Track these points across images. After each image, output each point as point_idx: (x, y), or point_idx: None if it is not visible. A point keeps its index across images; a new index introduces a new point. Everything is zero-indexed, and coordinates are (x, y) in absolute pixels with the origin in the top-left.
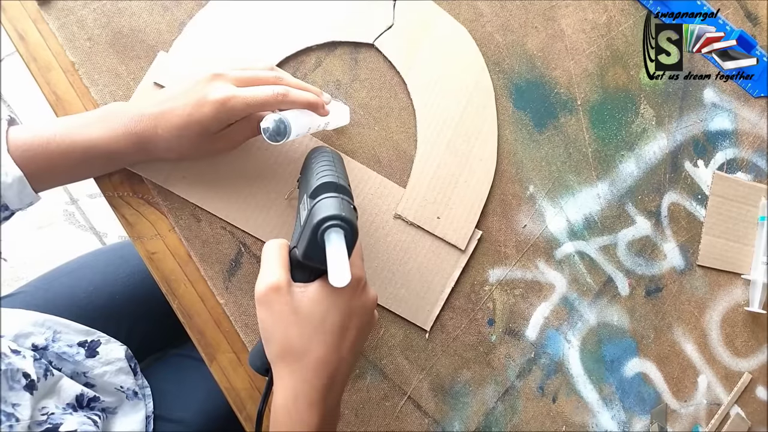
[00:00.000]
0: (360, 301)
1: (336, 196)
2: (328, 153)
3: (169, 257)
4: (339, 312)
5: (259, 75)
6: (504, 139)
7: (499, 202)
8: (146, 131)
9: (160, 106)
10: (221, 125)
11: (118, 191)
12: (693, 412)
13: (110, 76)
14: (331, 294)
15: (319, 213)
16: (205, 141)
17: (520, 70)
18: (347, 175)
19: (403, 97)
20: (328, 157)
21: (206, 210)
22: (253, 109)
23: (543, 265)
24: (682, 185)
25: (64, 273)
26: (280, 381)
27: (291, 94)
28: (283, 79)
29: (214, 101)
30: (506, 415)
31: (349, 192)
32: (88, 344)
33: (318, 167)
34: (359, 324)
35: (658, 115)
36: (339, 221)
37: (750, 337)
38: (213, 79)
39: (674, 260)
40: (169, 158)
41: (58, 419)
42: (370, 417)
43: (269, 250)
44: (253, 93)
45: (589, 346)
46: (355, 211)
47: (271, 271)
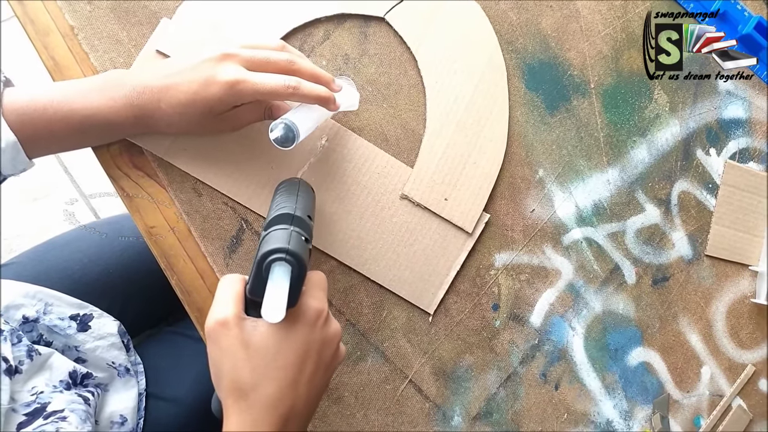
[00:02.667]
0: (319, 335)
1: (285, 228)
2: (294, 185)
3: (168, 232)
4: (294, 347)
5: (271, 57)
6: (515, 120)
7: (508, 185)
8: (148, 105)
9: (166, 80)
10: (227, 107)
11: (117, 162)
12: (695, 403)
13: (111, 42)
14: (285, 328)
15: (265, 246)
16: (208, 120)
17: (534, 50)
18: (313, 206)
19: (413, 74)
20: (293, 189)
21: (208, 184)
22: (262, 97)
23: (550, 250)
24: (694, 173)
25: (58, 245)
26: (228, 420)
27: (302, 88)
28: (295, 63)
29: (223, 82)
30: (508, 402)
31: (306, 224)
32: (80, 318)
33: (279, 199)
34: (318, 359)
35: (672, 101)
36: (284, 254)
37: (755, 329)
38: (223, 58)
39: (682, 249)
40: (169, 133)
41: (46, 398)
42: (370, 400)
43: (222, 285)
44: (264, 80)
45: (594, 333)
46: (308, 242)
47: (221, 306)
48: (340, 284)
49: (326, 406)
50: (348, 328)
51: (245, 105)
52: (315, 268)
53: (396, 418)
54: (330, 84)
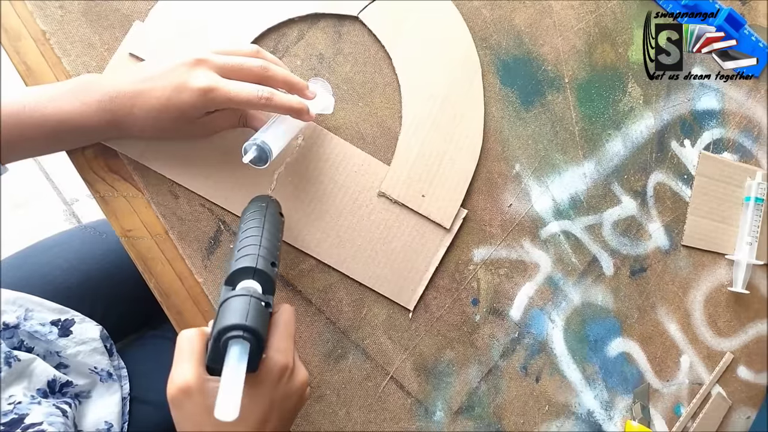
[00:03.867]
0: (283, 391)
1: (244, 295)
2: (261, 210)
3: (145, 235)
4: (259, 407)
5: (243, 64)
6: (490, 116)
7: (485, 181)
8: (121, 109)
9: (138, 84)
10: (200, 113)
11: (92, 166)
12: (675, 392)
13: (83, 46)
14: (252, 387)
15: (222, 319)
16: (181, 126)
17: (508, 46)
18: (280, 233)
19: (388, 72)
20: (258, 217)
21: (184, 186)
22: (235, 105)
23: (528, 244)
24: (669, 165)
25: (38, 251)
26: None
27: (275, 99)
28: (269, 69)
29: (196, 89)
30: (489, 395)
31: (269, 276)
32: (62, 323)
33: (243, 238)
34: (282, 413)
35: (646, 94)
36: (242, 332)
37: (732, 317)
38: (196, 64)
39: (659, 240)
40: (142, 137)
41: (24, 409)
42: (351, 397)
43: (180, 342)
44: (237, 89)
45: (573, 325)
46: (269, 298)
47: (181, 369)
48: (320, 283)
49: (308, 405)
50: (328, 326)
51: (219, 112)
52: (294, 268)
53: (378, 414)
54: (304, 91)
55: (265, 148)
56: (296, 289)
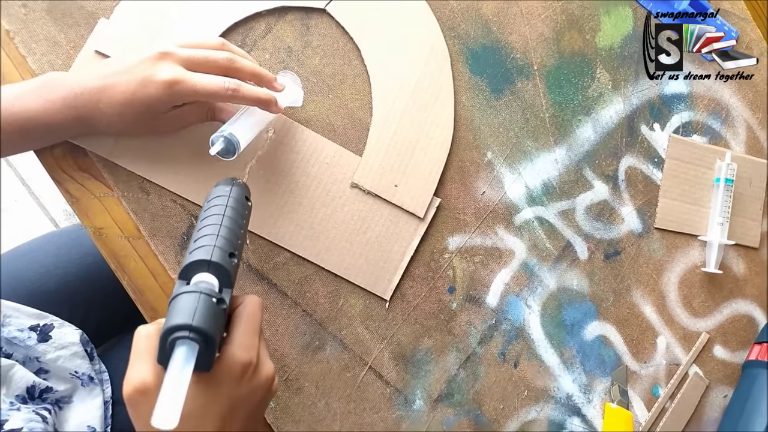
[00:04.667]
0: (249, 388)
1: (193, 291)
2: (224, 197)
3: (117, 232)
4: (219, 406)
5: (209, 56)
6: (461, 105)
7: (458, 169)
8: (87, 106)
9: (103, 80)
10: (166, 107)
11: (62, 165)
12: (653, 373)
13: (48, 44)
14: (210, 386)
15: (169, 318)
16: (147, 120)
17: (476, 34)
18: (244, 222)
19: (357, 64)
20: (217, 209)
21: (155, 183)
22: (201, 98)
23: (502, 231)
24: (639, 149)
25: (15, 256)
26: None
27: (242, 90)
28: (235, 61)
29: (161, 82)
30: (468, 382)
31: (224, 269)
32: (40, 328)
33: (200, 227)
34: (247, 410)
35: (614, 79)
36: (188, 332)
37: (707, 298)
38: (161, 58)
39: (632, 224)
40: (110, 133)
41: (4, 415)
42: (330, 389)
43: (136, 340)
44: (203, 81)
45: (550, 310)
46: (220, 303)
47: (138, 368)
48: (295, 276)
49: (287, 398)
50: (305, 318)
51: (187, 106)
52: (268, 261)
53: (358, 405)
54: (272, 83)
55: (232, 140)
56: (271, 282)
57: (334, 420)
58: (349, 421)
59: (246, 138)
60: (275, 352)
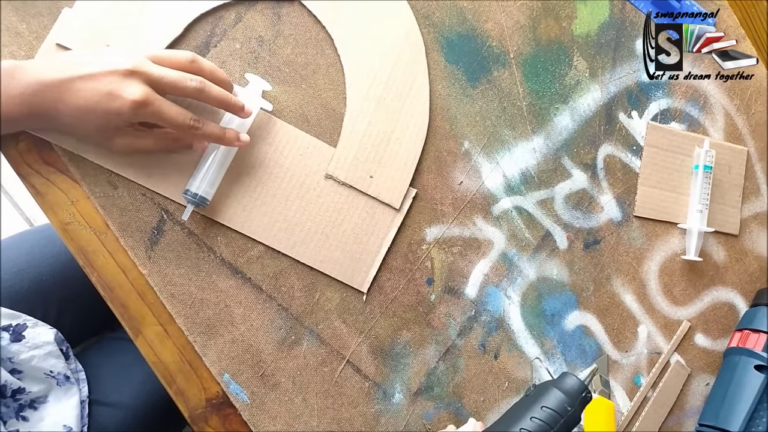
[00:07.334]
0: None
1: None
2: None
3: (84, 227)
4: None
5: (178, 83)
6: (437, 94)
7: (434, 159)
8: (44, 103)
9: (64, 77)
10: (124, 123)
11: (26, 159)
12: (634, 362)
13: (10, 35)
14: None
15: None
16: (103, 132)
17: (451, 23)
18: None
19: (330, 53)
20: None
21: (123, 176)
22: (164, 124)
23: (481, 221)
24: (617, 137)
25: None
26: None
27: (204, 129)
28: (203, 91)
29: (129, 101)
30: (448, 374)
31: None
32: (13, 328)
33: None
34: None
35: (591, 67)
36: None
37: (687, 286)
38: (130, 75)
39: (611, 212)
40: (65, 132)
41: None
42: (308, 383)
43: None
44: (169, 111)
45: (530, 301)
46: None
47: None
48: (270, 269)
49: (263, 393)
50: (280, 313)
51: (150, 133)
52: (242, 254)
53: (336, 399)
54: (239, 112)
55: (202, 202)
56: (245, 277)
57: (311, 416)
58: (328, 416)
59: (215, 184)
60: (250, 347)
